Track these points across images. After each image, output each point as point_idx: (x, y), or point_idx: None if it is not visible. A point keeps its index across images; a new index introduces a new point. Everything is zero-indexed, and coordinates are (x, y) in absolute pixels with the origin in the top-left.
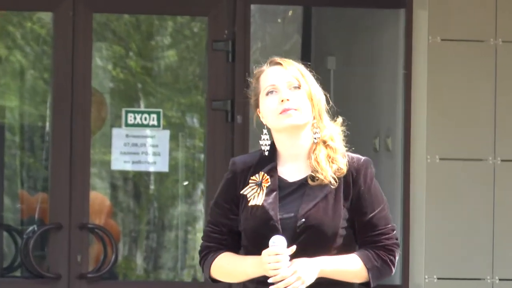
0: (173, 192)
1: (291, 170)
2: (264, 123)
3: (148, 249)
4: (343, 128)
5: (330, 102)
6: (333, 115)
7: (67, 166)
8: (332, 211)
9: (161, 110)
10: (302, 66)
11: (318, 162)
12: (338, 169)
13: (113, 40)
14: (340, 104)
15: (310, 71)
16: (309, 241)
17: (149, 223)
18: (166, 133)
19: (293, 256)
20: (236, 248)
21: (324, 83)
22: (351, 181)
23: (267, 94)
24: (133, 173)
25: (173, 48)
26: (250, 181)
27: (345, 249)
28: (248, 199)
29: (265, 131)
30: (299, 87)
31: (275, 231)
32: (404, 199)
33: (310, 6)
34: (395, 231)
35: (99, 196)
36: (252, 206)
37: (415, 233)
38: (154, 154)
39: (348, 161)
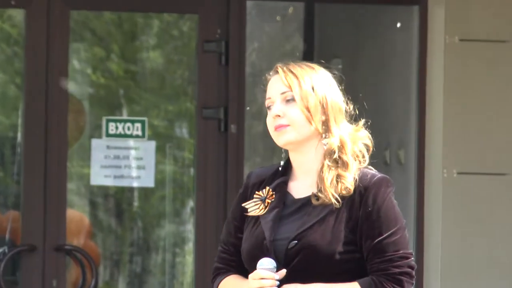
0: (160, 210)
1: (300, 186)
2: None
3: (131, 273)
4: (365, 133)
5: (348, 104)
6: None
7: (41, 181)
8: (330, 234)
9: (146, 118)
10: (305, 70)
11: (323, 180)
12: (344, 188)
13: (92, 40)
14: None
15: (333, 73)
16: (302, 266)
17: (132, 244)
18: (152, 144)
19: (283, 281)
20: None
21: None
22: (359, 200)
23: (268, 109)
24: (115, 189)
25: (160, 49)
26: (255, 196)
27: (351, 275)
28: (249, 215)
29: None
30: (293, 99)
31: (267, 253)
32: (417, 218)
33: (313, 2)
34: (409, 259)
35: (77, 215)
36: (253, 225)
37: (430, 255)
38: (138, 167)
39: (358, 178)
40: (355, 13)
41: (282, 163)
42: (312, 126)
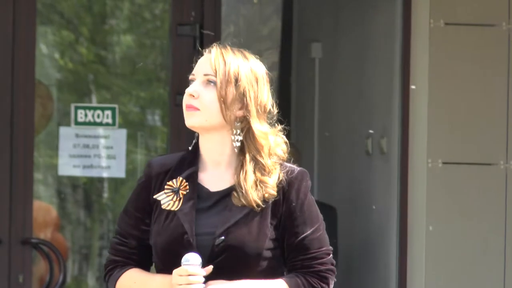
0: None
1: (213, 178)
2: None
3: (101, 268)
4: (282, 137)
5: (274, 108)
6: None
7: (7, 171)
8: (256, 230)
9: (116, 105)
10: (237, 57)
11: (244, 183)
12: (266, 192)
13: (60, 23)
14: (326, 99)
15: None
16: (229, 262)
17: (102, 237)
18: (123, 132)
19: (208, 278)
20: (147, 264)
21: (307, 73)
22: (282, 196)
23: (189, 83)
24: (84, 179)
25: (131, 33)
26: (166, 186)
27: (272, 272)
28: (162, 208)
29: None
30: (214, 84)
31: (189, 248)
32: (400, 210)
33: None
34: (330, 255)
35: (44, 206)
36: (165, 217)
37: (413, 249)
38: (109, 157)
39: (281, 176)
40: None
41: (185, 152)
42: (222, 117)
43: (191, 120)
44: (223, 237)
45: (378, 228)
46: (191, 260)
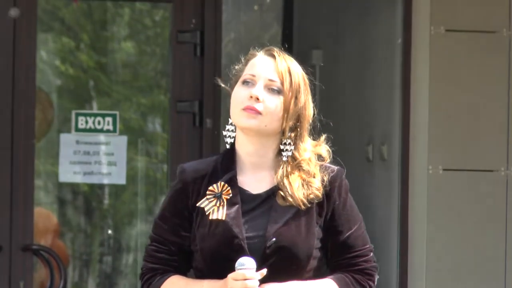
0: (131, 208)
1: (253, 181)
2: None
3: (101, 274)
4: (327, 148)
5: (316, 120)
6: (317, 123)
7: (7, 178)
8: (305, 230)
9: (117, 112)
10: (300, 72)
11: (290, 186)
12: (312, 193)
13: (61, 30)
14: (327, 106)
15: (312, 81)
16: (281, 263)
17: (103, 244)
18: (123, 139)
19: (261, 281)
20: (185, 270)
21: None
22: (325, 194)
23: (243, 82)
24: (85, 186)
25: (132, 39)
26: (208, 192)
27: (318, 272)
28: (207, 214)
29: (230, 120)
30: (279, 92)
31: (241, 252)
32: (401, 216)
33: None
34: (372, 253)
35: (44, 213)
36: (212, 222)
37: (414, 255)
38: (109, 163)
39: (325, 177)
40: (336, 2)
41: (228, 141)
42: (280, 127)
43: (251, 122)
44: (274, 239)
45: (379, 235)
46: (247, 264)
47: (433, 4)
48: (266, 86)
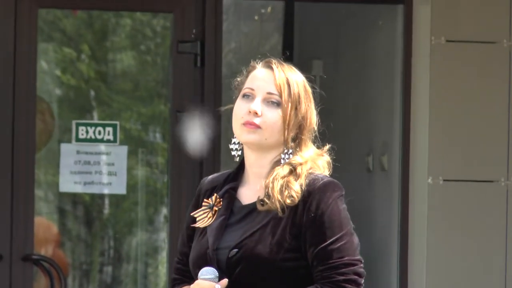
0: (132, 218)
1: (249, 192)
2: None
3: (101, 284)
4: (329, 158)
5: (319, 128)
6: (318, 135)
7: (8, 188)
8: (272, 241)
9: (117, 122)
10: (301, 80)
11: (272, 187)
12: (288, 197)
13: (61, 40)
14: (327, 116)
15: (314, 91)
16: (245, 275)
17: (103, 254)
18: (124, 149)
19: None
20: None
21: None
22: (302, 206)
23: (243, 96)
24: (85, 196)
25: (132, 50)
26: (203, 203)
27: (300, 284)
28: (197, 225)
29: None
30: (278, 104)
31: (210, 263)
32: (401, 227)
33: (292, 1)
34: (355, 266)
35: (45, 223)
36: (199, 233)
37: (414, 266)
38: (110, 173)
39: (305, 185)
40: (337, 13)
41: (236, 154)
42: (282, 138)
43: (250, 137)
44: (235, 250)
45: (379, 245)
46: (205, 274)
47: (433, 14)
48: (265, 100)
